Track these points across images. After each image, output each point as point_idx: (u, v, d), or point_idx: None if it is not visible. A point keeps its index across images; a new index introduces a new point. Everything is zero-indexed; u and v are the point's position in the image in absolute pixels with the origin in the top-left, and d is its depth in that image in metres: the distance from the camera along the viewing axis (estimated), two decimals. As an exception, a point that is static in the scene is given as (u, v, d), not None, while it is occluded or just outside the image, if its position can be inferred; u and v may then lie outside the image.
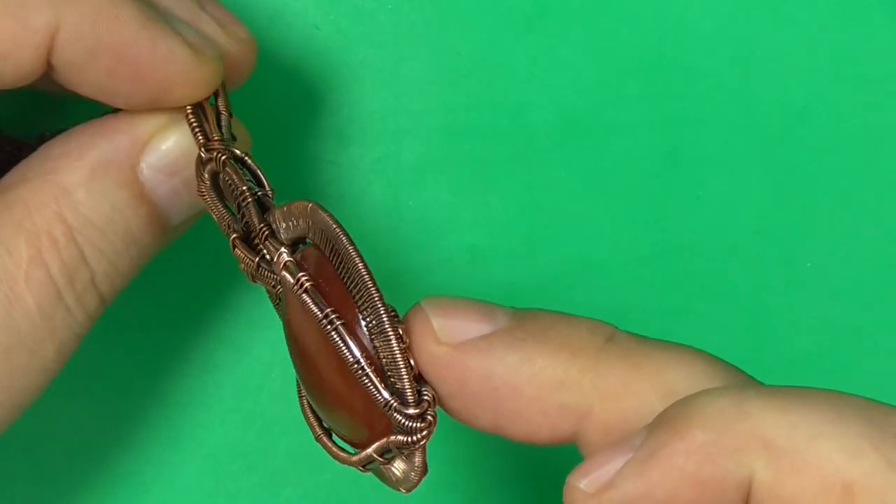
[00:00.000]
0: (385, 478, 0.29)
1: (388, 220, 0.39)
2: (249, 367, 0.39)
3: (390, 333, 0.27)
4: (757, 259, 0.40)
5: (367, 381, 0.27)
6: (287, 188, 0.30)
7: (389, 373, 0.27)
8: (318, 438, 0.30)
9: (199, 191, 0.31)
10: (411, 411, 0.27)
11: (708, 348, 0.29)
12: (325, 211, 0.28)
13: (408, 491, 0.29)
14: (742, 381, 0.28)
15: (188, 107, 0.31)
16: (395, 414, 0.27)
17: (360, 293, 0.27)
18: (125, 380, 0.39)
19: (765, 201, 0.40)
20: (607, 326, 0.29)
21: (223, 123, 0.32)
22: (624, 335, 0.29)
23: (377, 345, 0.28)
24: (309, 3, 0.38)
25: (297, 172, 0.38)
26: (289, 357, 0.39)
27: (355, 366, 0.27)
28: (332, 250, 0.28)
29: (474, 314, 0.28)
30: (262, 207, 0.30)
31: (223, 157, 0.30)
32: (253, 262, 0.29)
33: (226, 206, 0.31)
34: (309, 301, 0.28)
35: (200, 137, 0.31)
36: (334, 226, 0.28)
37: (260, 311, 0.39)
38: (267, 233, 0.29)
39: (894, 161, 0.40)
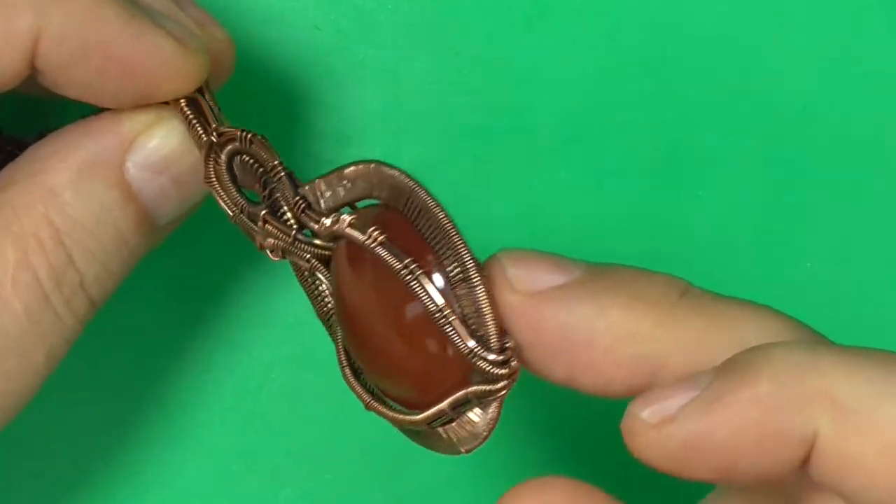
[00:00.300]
0: (439, 442, 0.29)
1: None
2: (249, 367, 0.39)
3: (476, 279, 0.27)
4: (757, 259, 0.40)
5: (450, 329, 0.27)
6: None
7: (471, 321, 0.27)
8: (368, 405, 0.29)
9: (206, 178, 0.31)
10: (496, 357, 0.27)
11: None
12: (393, 166, 0.28)
13: (469, 451, 0.29)
14: (815, 339, 0.28)
15: (182, 99, 0.31)
16: (480, 361, 0.27)
17: (442, 242, 0.27)
18: (125, 380, 0.39)
19: (765, 201, 0.40)
20: (681, 281, 0.29)
21: (217, 114, 0.32)
22: (698, 290, 0.29)
23: (459, 293, 0.27)
24: (309, 2, 0.38)
25: (297, 172, 0.38)
26: (288, 356, 0.39)
27: (438, 314, 0.27)
28: (406, 204, 0.28)
29: (549, 265, 0.28)
30: (293, 182, 0.30)
31: (249, 136, 0.30)
32: (289, 235, 0.29)
33: (238, 190, 0.31)
34: (385, 253, 0.27)
35: (199, 128, 0.31)
36: (407, 179, 0.28)
37: (260, 310, 0.39)
38: (304, 205, 0.29)
39: (894, 161, 0.40)
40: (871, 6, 0.39)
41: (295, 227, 0.29)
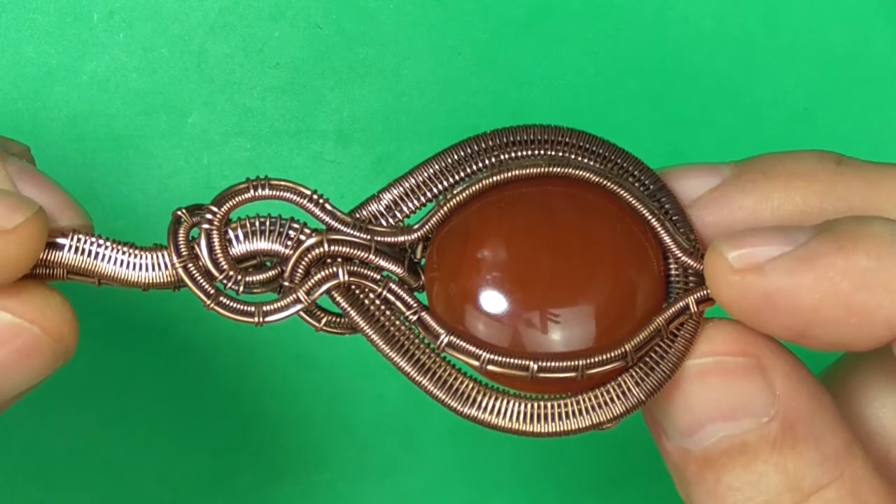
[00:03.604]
0: (590, 423, 0.27)
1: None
2: (249, 367, 0.39)
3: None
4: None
5: (663, 229, 0.27)
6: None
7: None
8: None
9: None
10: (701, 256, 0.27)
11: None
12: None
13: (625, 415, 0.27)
14: None
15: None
16: (694, 262, 0.27)
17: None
18: (125, 380, 0.39)
19: (765, 202, 0.40)
20: (833, 153, 0.28)
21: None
22: (852, 159, 0.28)
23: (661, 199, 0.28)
24: (311, 2, 0.38)
25: (298, 172, 0.38)
26: (288, 356, 0.39)
27: (653, 217, 0.27)
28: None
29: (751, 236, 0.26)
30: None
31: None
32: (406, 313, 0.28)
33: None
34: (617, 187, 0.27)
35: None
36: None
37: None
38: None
39: (894, 162, 0.40)
40: (870, 9, 0.39)
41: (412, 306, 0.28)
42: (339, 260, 0.27)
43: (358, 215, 0.28)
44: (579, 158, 0.28)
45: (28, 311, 0.27)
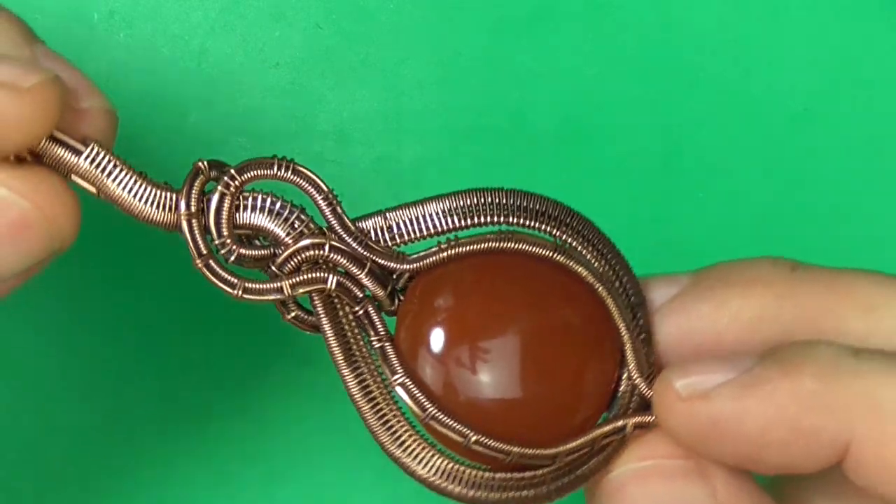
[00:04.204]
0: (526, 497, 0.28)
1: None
2: (249, 367, 0.39)
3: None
4: (757, 260, 0.40)
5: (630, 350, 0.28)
6: (288, 187, 0.30)
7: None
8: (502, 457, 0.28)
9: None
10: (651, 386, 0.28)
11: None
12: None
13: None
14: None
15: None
16: (646, 388, 0.27)
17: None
18: (125, 380, 0.39)
19: (765, 203, 0.40)
20: (788, 260, 0.28)
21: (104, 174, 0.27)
22: (808, 265, 0.28)
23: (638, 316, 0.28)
24: (311, 1, 0.38)
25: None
26: (288, 356, 0.39)
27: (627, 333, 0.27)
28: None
29: (703, 366, 0.27)
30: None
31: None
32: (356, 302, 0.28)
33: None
34: (566, 260, 0.28)
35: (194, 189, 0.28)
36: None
37: (260, 310, 0.39)
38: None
39: (894, 163, 0.40)
40: (870, 10, 0.39)
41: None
42: (331, 265, 0.28)
43: (360, 224, 0.28)
44: (580, 248, 0.28)
45: (24, 186, 0.26)
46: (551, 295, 0.28)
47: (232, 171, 0.27)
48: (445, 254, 0.28)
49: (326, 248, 0.27)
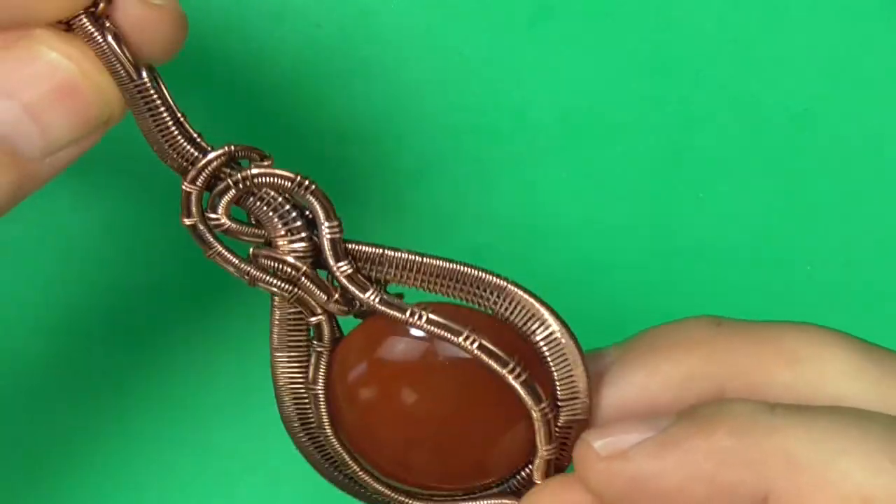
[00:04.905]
0: None
1: (389, 219, 0.39)
2: (249, 367, 0.39)
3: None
4: (757, 261, 0.40)
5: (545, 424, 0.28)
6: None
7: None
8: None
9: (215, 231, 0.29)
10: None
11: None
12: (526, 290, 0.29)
13: None
14: (857, 346, 0.28)
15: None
16: (536, 474, 0.29)
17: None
18: (125, 379, 0.39)
19: (766, 203, 0.40)
20: (711, 317, 0.29)
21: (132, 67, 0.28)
22: (730, 320, 0.29)
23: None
24: (311, 1, 0.38)
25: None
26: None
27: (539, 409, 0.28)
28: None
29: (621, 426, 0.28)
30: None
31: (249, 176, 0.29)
32: (328, 293, 0.29)
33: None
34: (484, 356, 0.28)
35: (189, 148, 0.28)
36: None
37: (259, 310, 0.39)
38: (351, 269, 0.29)
39: (894, 163, 0.40)
40: (871, 10, 0.39)
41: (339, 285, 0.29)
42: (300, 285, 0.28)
43: (356, 248, 0.29)
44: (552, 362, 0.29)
45: (70, 50, 0.27)
46: (482, 388, 0.29)
47: (248, 173, 0.28)
48: (412, 320, 0.28)
49: (300, 273, 0.28)
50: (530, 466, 0.29)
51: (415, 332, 0.28)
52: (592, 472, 0.27)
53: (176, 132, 0.28)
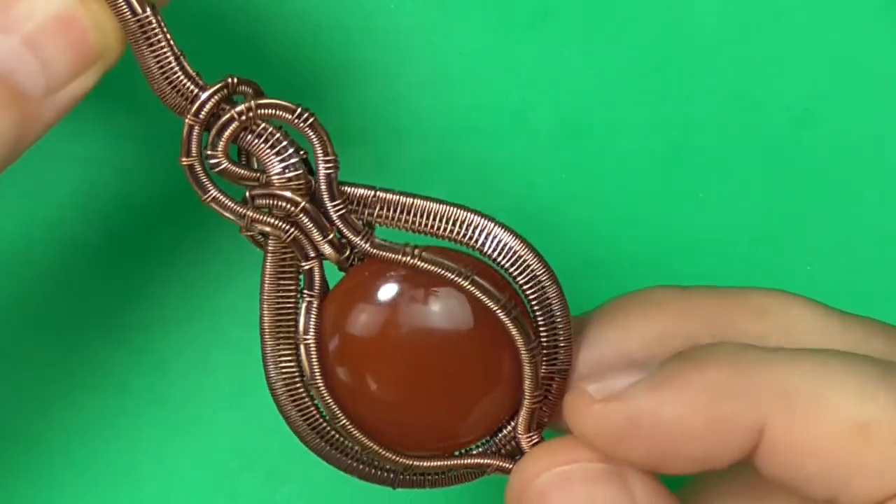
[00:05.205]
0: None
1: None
2: (248, 366, 0.39)
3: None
4: (757, 261, 0.40)
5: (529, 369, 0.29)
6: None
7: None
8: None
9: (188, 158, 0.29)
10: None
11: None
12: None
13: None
14: (820, 305, 0.29)
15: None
16: (522, 432, 0.29)
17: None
18: (125, 379, 0.39)
19: (766, 203, 0.40)
20: (678, 286, 0.30)
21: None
22: (696, 286, 0.30)
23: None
24: (311, 2, 0.38)
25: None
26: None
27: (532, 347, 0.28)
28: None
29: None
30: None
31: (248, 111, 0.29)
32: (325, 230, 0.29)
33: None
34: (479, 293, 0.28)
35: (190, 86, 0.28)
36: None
37: (258, 309, 0.39)
38: (345, 209, 0.29)
39: (894, 163, 0.40)
40: (872, 10, 0.39)
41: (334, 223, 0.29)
42: (297, 223, 0.28)
43: (348, 190, 0.29)
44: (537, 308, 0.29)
45: None
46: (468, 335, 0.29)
47: (252, 103, 0.28)
48: (405, 259, 0.28)
49: (298, 208, 0.28)
50: (512, 423, 0.29)
51: (392, 285, 0.28)
52: (588, 416, 0.27)
53: (177, 69, 0.28)
